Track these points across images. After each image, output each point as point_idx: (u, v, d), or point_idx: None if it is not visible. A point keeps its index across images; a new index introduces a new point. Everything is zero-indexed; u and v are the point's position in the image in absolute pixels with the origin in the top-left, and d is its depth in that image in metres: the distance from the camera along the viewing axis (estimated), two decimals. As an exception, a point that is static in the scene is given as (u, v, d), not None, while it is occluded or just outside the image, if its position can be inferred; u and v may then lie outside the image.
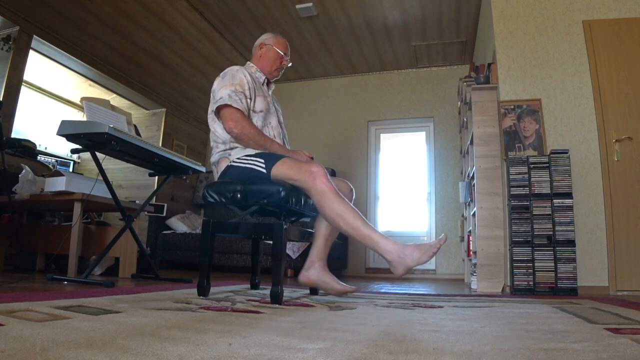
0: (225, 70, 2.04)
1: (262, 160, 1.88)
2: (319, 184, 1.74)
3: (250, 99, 2.01)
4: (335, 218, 1.72)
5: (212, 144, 2.08)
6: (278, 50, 2.18)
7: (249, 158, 1.92)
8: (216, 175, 2.03)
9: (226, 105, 1.91)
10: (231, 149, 1.99)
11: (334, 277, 2.05)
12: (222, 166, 1.98)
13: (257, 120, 2.02)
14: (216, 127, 2.02)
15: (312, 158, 2.02)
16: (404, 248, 1.64)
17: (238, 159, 1.94)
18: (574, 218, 2.79)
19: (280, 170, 1.83)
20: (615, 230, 2.92)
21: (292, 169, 1.82)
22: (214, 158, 2.05)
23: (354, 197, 2.11)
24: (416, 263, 1.62)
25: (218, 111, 1.96)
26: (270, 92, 2.21)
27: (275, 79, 2.23)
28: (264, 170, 1.85)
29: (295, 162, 1.85)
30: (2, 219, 3.17)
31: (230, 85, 1.95)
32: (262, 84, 2.16)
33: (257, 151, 1.93)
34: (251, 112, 2.01)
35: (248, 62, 2.21)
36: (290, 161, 1.86)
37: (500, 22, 3.39)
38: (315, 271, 2.02)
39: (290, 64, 2.27)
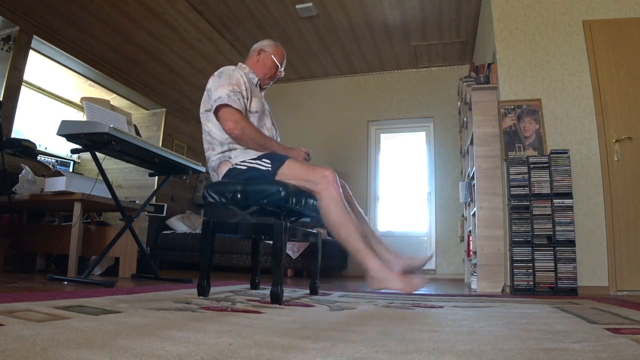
0: (221, 70, 2.01)
1: (268, 161, 1.87)
2: (332, 191, 1.77)
3: (247, 99, 1.99)
4: (338, 226, 1.76)
5: (206, 145, 2.01)
6: (275, 60, 2.16)
7: (253, 161, 1.89)
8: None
9: (225, 105, 1.88)
10: (230, 150, 1.94)
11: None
12: (224, 170, 1.94)
13: (253, 120, 2.00)
14: (211, 127, 1.96)
15: (308, 154, 2.04)
16: (390, 272, 1.68)
17: (242, 162, 1.90)
18: (574, 218, 2.79)
19: (291, 169, 1.84)
20: (615, 230, 2.92)
21: (304, 170, 1.83)
22: (213, 163, 1.98)
23: (349, 192, 2.07)
24: (394, 288, 1.65)
25: (217, 111, 1.92)
26: (262, 94, 2.19)
27: (266, 86, 2.21)
28: (269, 169, 1.85)
29: (306, 164, 1.90)
30: (2, 219, 3.17)
31: (228, 85, 1.92)
32: (256, 86, 2.14)
33: (258, 153, 1.92)
34: (248, 112, 1.99)
35: (240, 64, 2.18)
36: (301, 162, 1.90)
37: (500, 22, 3.39)
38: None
39: (283, 75, 2.25)
